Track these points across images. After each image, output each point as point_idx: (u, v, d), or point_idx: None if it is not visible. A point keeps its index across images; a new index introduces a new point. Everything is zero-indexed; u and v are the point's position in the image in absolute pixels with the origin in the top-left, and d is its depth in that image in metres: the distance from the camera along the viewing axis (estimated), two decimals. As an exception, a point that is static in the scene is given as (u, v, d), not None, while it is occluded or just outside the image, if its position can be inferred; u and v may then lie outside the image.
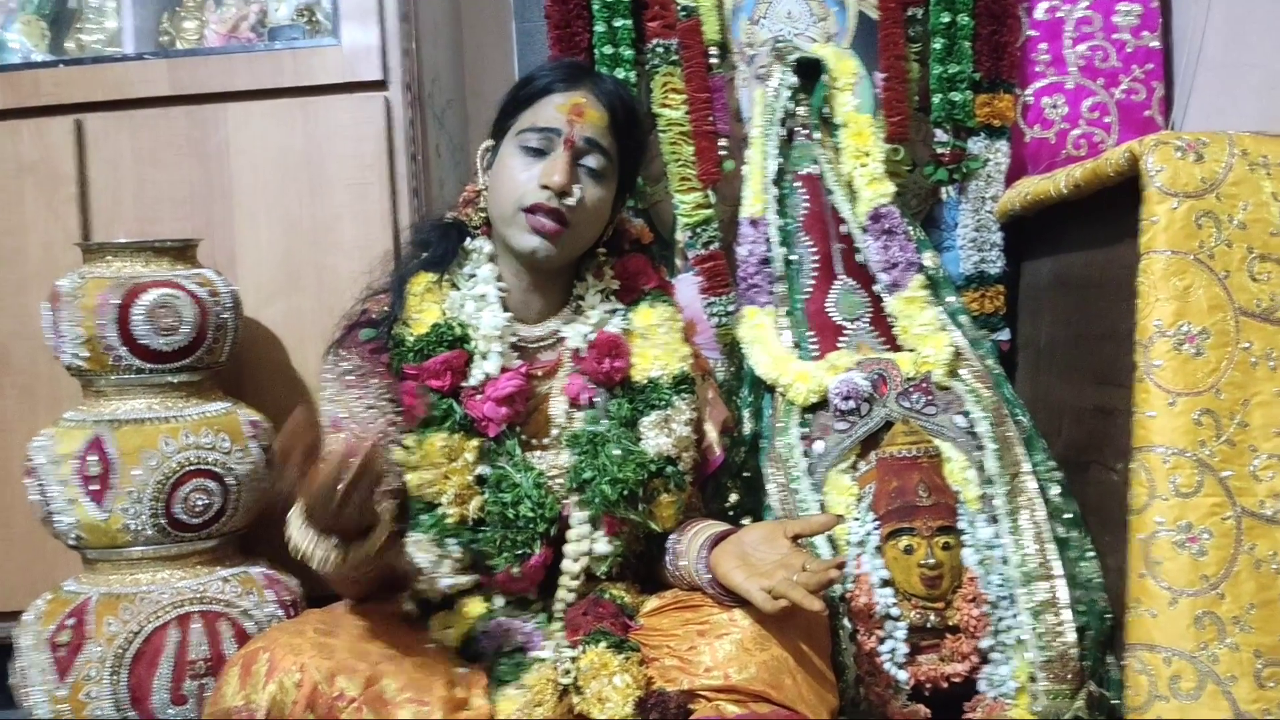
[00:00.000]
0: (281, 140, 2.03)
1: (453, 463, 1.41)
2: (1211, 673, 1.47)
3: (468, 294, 1.48)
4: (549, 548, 1.43)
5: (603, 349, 1.49)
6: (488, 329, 1.45)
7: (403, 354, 1.44)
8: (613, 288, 1.54)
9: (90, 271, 1.78)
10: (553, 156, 1.43)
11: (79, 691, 1.66)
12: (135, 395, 1.77)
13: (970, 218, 2.18)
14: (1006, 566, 1.69)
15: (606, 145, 1.46)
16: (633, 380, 1.50)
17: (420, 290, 1.47)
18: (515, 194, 1.43)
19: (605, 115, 1.46)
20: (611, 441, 1.44)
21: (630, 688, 1.31)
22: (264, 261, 2.03)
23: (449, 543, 1.41)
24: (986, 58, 2.16)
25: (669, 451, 1.46)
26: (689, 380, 1.51)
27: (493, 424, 1.43)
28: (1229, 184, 1.55)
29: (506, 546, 1.41)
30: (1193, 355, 1.53)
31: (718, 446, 1.59)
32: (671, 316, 1.54)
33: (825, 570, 1.25)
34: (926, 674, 1.64)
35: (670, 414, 1.47)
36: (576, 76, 1.48)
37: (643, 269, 1.56)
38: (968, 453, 1.78)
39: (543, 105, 1.45)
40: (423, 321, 1.45)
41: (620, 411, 1.47)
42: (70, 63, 2.11)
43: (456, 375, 1.43)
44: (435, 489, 1.40)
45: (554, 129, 1.43)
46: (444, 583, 1.42)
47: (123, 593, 1.72)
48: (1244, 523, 1.50)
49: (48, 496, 1.73)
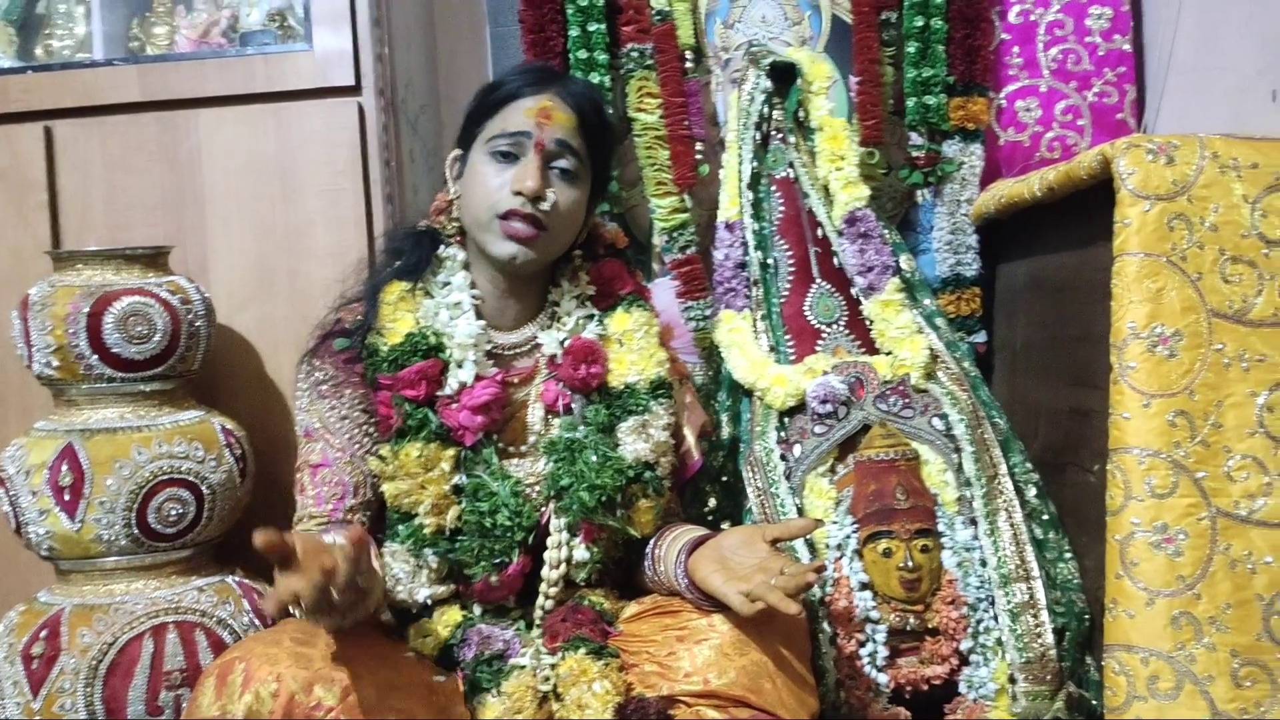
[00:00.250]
0: (254, 146, 2.01)
1: (429, 472, 1.40)
2: (1189, 673, 1.48)
3: (442, 302, 1.47)
4: (527, 556, 1.43)
5: (578, 355, 1.48)
6: (462, 337, 1.44)
7: (377, 364, 1.43)
8: (588, 293, 1.54)
9: (60, 280, 1.76)
10: (524, 161, 1.42)
11: (53, 704, 1.64)
12: (107, 404, 1.75)
13: (945, 221, 2.19)
14: (985, 568, 1.70)
15: (577, 146, 1.45)
16: (610, 386, 1.50)
17: (394, 299, 1.46)
18: (489, 201, 1.42)
19: (574, 117, 1.45)
20: (589, 448, 1.44)
21: (610, 694, 1.31)
22: (236, 268, 2.01)
23: (426, 553, 1.40)
24: (960, 61, 2.17)
25: (647, 457, 1.46)
26: (666, 385, 1.51)
27: (469, 433, 1.42)
28: (1200, 186, 1.56)
29: (484, 555, 1.40)
30: (1166, 357, 1.54)
31: (696, 451, 1.59)
32: (648, 321, 1.54)
33: (803, 574, 1.25)
34: (907, 676, 1.64)
35: (648, 419, 1.47)
36: (543, 80, 1.47)
37: (618, 274, 1.56)
38: (945, 455, 1.78)
39: (511, 110, 1.45)
40: (396, 331, 1.44)
41: (598, 417, 1.47)
42: (39, 69, 2.08)
43: (431, 384, 1.42)
44: (412, 499, 1.40)
45: (524, 133, 1.43)
46: (421, 594, 1.41)
47: (97, 604, 1.70)
48: (1219, 523, 1.51)
49: (19, 507, 1.70)
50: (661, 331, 1.56)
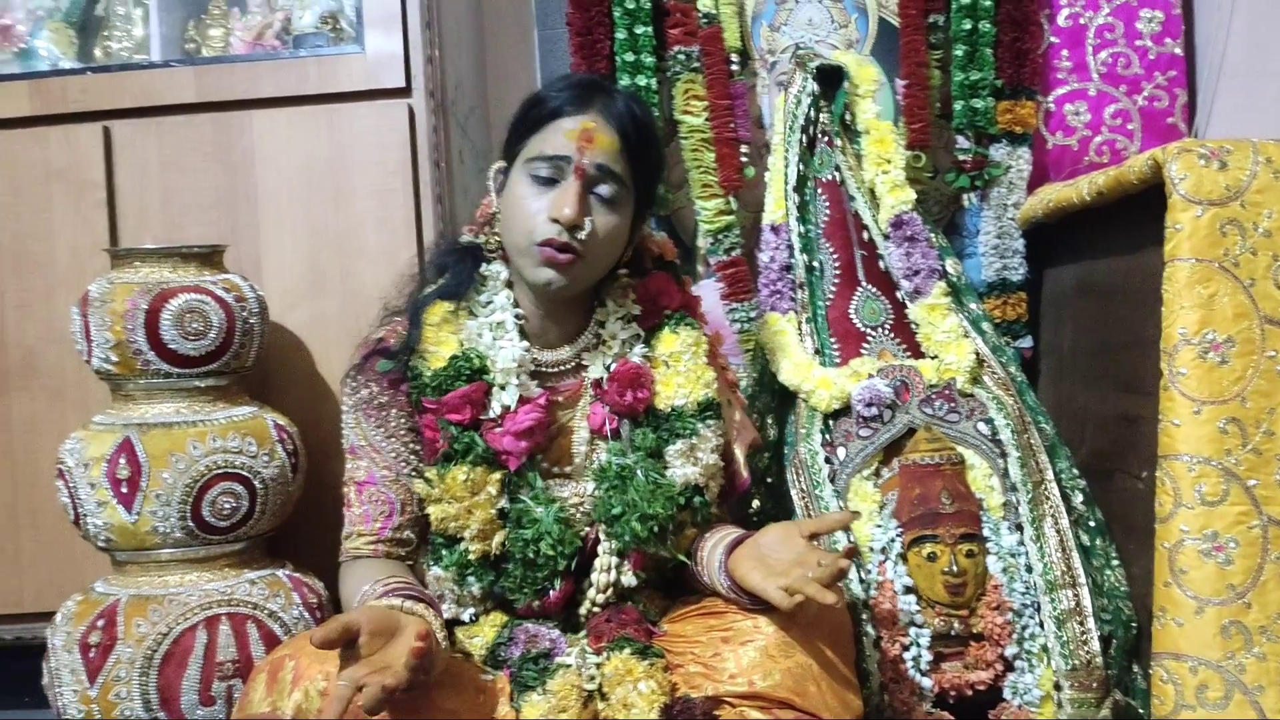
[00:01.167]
0: (306, 147, 2.04)
1: (476, 496, 1.40)
2: (1239, 682, 1.46)
3: (485, 322, 1.46)
4: (570, 580, 1.43)
5: (624, 381, 1.47)
6: (506, 361, 1.43)
7: (421, 387, 1.42)
8: (634, 312, 1.51)
9: (119, 277, 1.80)
10: (563, 186, 1.38)
11: (109, 692, 1.67)
12: (163, 399, 1.79)
13: (992, 224, 2.18)
14: (1030, 574, 1.69)
15: (620, 170, 1.41)
16: (657, 409, 1.48)
17: (437, 320, 1.45)
18: (526, 226, 1.40)
19: (617, 139, 1.40)
20: (639, 474, 1.42)
21: (655, 694, 1.31)
22: (289, 267, 2.05)
23: (469, 579, 1.41)
24: (1008, 65, 2.16)
25: (696, 480, 1.46)
26: (715, 406, 1.49)
27: (513, 457, 1.42)
28: (1253, 191, 1.55)
29: (528, 583, 1.41)
30: (1218, 363, 1.53)
31: (745, 470, 1.57)
32: (695, 341, 1.51)
33: (835, 561, 1.25)
34: (951, 681, 1.64)
35: (696, 443, 1.46)
36: (586, 98, 1.42)
37: (665, 288, 1.53)
38: (991, 460, 1.78)
39: (551, 131, 1.40)
40: (440, 355, 1.43)
41: (645, 442, 1.46)
42: (98, 70, 2.13)
43: (476, 408, 1.41)
44: (459, 524, 1.40)
45: (564, 156, 1.38)
46: (466, 615, 1.44)
47: (152, 594, 1.73)
48: (1270, 532, 1.50)
49: (78, 499, 1.74)
50: (711, 339, 1.54)
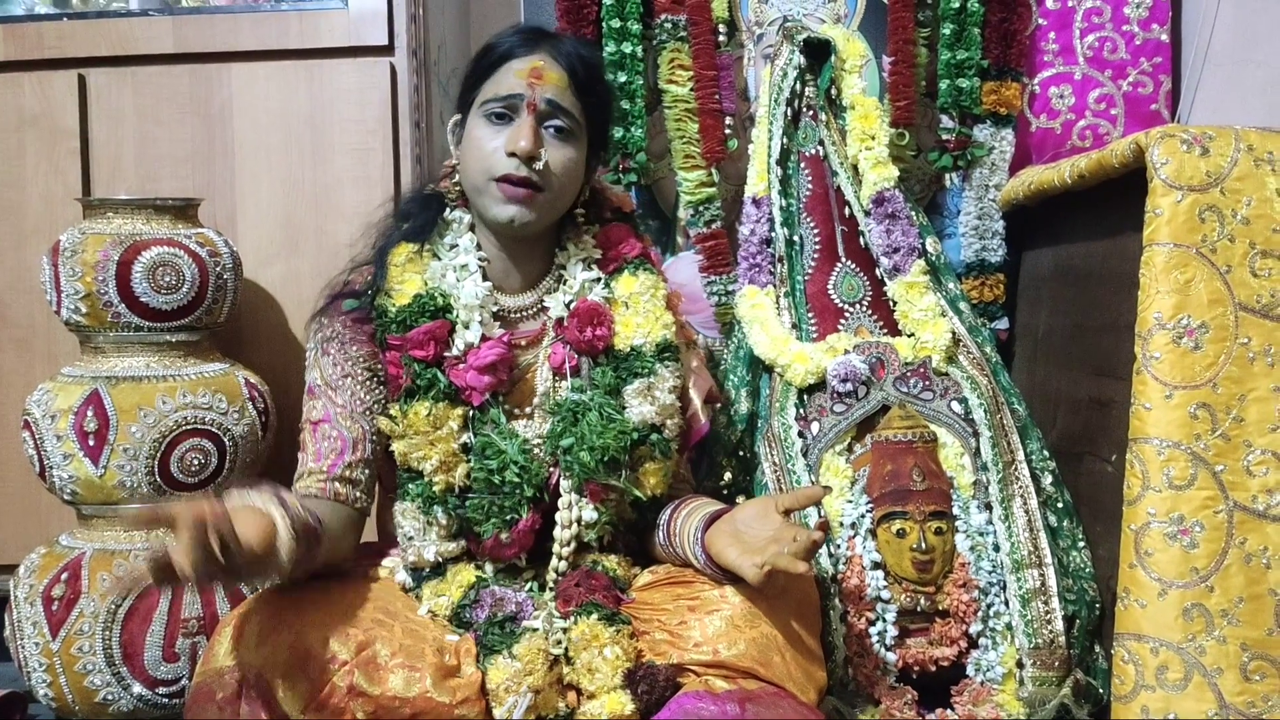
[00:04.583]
0: (285, 102, 2.02)
1: (438, 430, 1.42)
2: (1198, 664, 1.48)
3: (449, 264, 1.49)
4: (537, 514, 1.44)
5: (584, 317, 1.50)
6: (468, 299, 1.46)
7: (386, 324, 1.45)
8: (594, 256, 1.55)
9: (91, 227, 1.77)
10: (517, 123, 1.43)
11: (71, 645, 1.66)
12: (133, 353, 1.77)
13: (973, 205, 2.18)
14: (997, 553, 1.70)
15: (569, 105, 1.46)
16: (616, 349, 1.51)
17: (402, 260, 1.48)
18: (484, 164, 1.44)
19: (565, 75, 1.46)
20: (593, 409, 1.45)
21: (620, 659, 1.32)
22: (264, 223, 2.03)
23: (435, 510, 1.43)
24: (995, 45, 2.15)
25: (653, 419, 1.48)
26: (672, 348, 1.52)
27: (476, 392, 1.44)
28: (1234, 179, 1.55)
29: (494, 512, 1.42)
30: (1191, 349, 1.53)
31: (703, 415, 1.59)
32: (654, 284, 1.54)
33: (809, 537, 1.27)
34: (915, 657, 1.65)
35: (653, 382, 1.48)
36: (534, 40, 1.48)
37: (624, 237, 1.57)
38: (963, 439, 1.79)
39: (503, 73, 1.46)
40: (404, 292, 1.46)
41: (604, 380, 1.48)
42: (74, 16, 2.09)
43: (439, 345, 1.44)
44: (420, 455, 1.42)
45: (516, 95, 1.44)
46: (430, 551, 1.44)
47: (117, 549, 1.72)
48: (1236, 517, 1.51)
49: (44, 451, 1.72)
50: (669, 295, 1.57)
